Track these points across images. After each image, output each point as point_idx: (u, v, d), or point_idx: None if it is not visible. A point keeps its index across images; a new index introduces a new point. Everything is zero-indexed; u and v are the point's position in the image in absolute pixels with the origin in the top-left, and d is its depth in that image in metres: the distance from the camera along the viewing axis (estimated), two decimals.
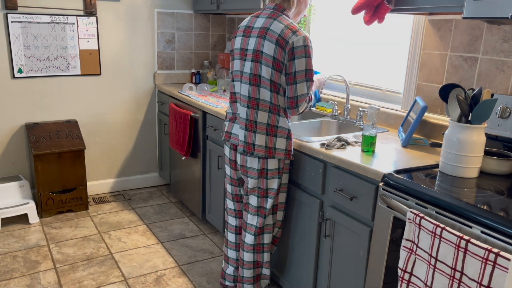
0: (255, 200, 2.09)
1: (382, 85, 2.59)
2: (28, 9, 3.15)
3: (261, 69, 1.92)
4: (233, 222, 2.28)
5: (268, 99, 1.94)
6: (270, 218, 2.12)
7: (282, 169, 2.05)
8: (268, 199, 2.08)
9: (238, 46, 2.02)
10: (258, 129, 1.97)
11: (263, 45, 1.89)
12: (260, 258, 2.19)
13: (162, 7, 3.67)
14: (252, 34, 1.96)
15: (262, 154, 1.98)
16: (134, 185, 3.91)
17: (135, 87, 3.71)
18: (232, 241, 2.30)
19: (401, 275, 1.44)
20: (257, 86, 1.94)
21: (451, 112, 1.66)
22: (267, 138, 1.97)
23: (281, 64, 1.88)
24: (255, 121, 1.96)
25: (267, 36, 1.89)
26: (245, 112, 1.99)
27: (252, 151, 1.99)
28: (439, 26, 2.11)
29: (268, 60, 1.89)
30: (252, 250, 2.15)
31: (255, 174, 2.03)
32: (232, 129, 2.11)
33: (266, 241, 2.15)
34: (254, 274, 2.21)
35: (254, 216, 2.11)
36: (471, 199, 1.38)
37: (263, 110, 1.95)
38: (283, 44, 1.85)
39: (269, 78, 1.91)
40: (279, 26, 1.88)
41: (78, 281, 2.48)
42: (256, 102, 1.95)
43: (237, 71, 2.04)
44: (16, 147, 3.33)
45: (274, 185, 2.05)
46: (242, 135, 2.01)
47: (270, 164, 2.01)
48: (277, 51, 1.86)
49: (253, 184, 2.06)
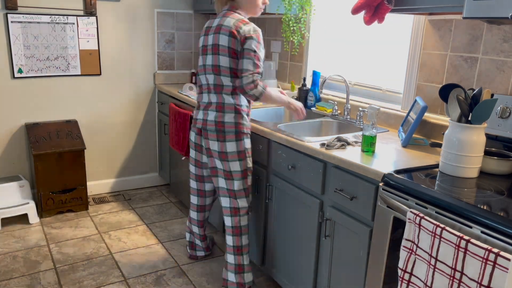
0: (223, 182, 2.30)
1: (382, 85, 2.59)
2: (28, 9, 3.15)
3: (219, 59, 2.18)
4: (195, 200, 2.57)
5: (229, 83, 2.19)
6: (244, 201, 2.31)
7: (242, 152, 2.24)
8: (234, 181, 2.27)
9: (201, 45, 2.29)
10: (226, 109, 2.20)
11: (219, 39, 2.16)
12: (239, 242, 2.34)
13: (162, 7, 3.67)
14: (210, 32, 2.23)
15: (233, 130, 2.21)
16: (134, 185, 3.92)
17: (135, 87, 3.71)
18: (194, 218, 2.62)
19: (401, 275, 1.44)
20: (219, 75, 2.20)
21: (451, 112, 1.66)
22: (235, 115, 2.21)
23: (236, 52, 2.14)
24: (223, 102, 2.21)
25: (222, 30, 2.16)
26: (215, 97, 2.23)
27: (223, 128, 2.20)
28: (439, 26, 2.11)
29: (224, 50, 2.15)
30: (231, 233, 2.33)
31: (217, 156, 2.25)
32: (198, 115, 2.32)
33: (243, 223, 2.34)
34: (235, 262, 2.33)
35: (226, 198, 2.32)
36: (471, 199, 1.38)
37: (226, 94, 2.21)
38: (236, 34, 2.12)
39: (228, 66, 2.16)
40: (230, 21, 2.16)
41: (78, 281, 2.48)
42: (221, 88, 2.21)
43: (201, 66, 2.29)
44: (16, 147, 3.33)
45: (236, 167, 2.24)
46: (213, 115, 2.22)
47: (229, 147, 2.21)
48: (230, 41, 2.13)
49: (218, 165, 2.28)
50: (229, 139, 2.21)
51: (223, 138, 2.21)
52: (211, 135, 2.23)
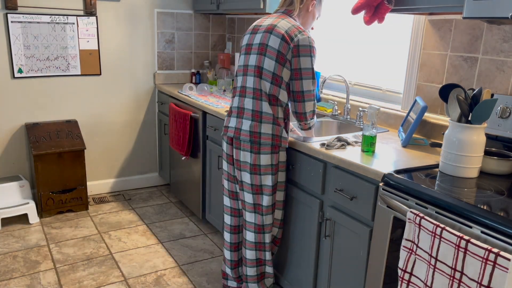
0: (250, 197, 2.10)
1: (382, 85, 2.59)
2: (28, 9, 3.15)
3: (264, 61, 1.98)
4: (228, 220, 2.29)
5: (267, 91, 2.00)
6: (270, 218, 2.12)
7: (276, 166, 2.06)
8: (263, 196, 2.08)
9: (245, 43, 2.11)
10: (264, 119, 2.01)
11: (269, 39, 1.98)
12: (262, 256, 2.19)
13: (162, 7, 3.67)
14: (260, 30, 2.05)
15: (269, 142, 2.01)
16: (134, 185, 3.92)
17: (135, 87, 3.71)
18: (227, 241, 2.31)
19: (401, 275, 1.44)
20: (259, 78, 2.00)
21: (451, 112, 1.66)
22: (273, 127, 2.02)
23: (284, 58, 1.95)
24: (261, 111, 2.01)
25: (274, 31, 1.98)
26: (251, 103, 2.02)
27: (258, 139, 2.01)
28: (439, 26, 2.11)
29: (272, 53, 1.96)
30: (254, 248, 2.15)
31: (248, 168, 2.06)
32: (229, 123, 2.12)
33: (267, 240, 2.15)
34: (257, 272, 2.21)
35: (252, 214, 2.12)
36: (471, 199, 1.38)
37: (265, 101, 2.01)
38: (289, 40, 1.94)
39: (272, 70, 1.97)
40: (286, 24, 1.99)
41: (78, 281, 2.48)
42: (259, 94, 2.01)
43: (240, 66, 2.11)
44: (16, 147, 3.33)
45: (268, 181, 2.06)
46: (248, 125, 2.03)
47: (263, 160, 2.02)
48: (282, 45, 1.94)
49: (247, 179, 2.07)
50: (264, 151, 2.02)
51: (258, 150, 2.02)
52: (244, 145, 2.04)
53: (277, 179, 2.09)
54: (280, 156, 2.06)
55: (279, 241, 2.25)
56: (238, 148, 2.07)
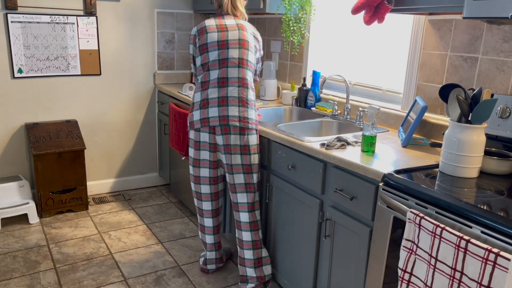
0: (241, 177, 2.26)
1: (382, 85, 2.59)
2: (28, 9, 3.15)
3: (248, 54, 2.26)
4: (209, 206, 2.44)
5: (250, 79, 2.28)
6: (257, 195, 2.32)
7: (258, 145, 2.29)
8: (253, 174, 2.28)
9: (215, 40, 2.26)
10: (249, 105, 2.24)
11: (247, 36, 2.28)
12: (257, 237, 2.33)
13: (162, 7, 3.67)
14: (230, 28, 2.27)
15: (254, 126, 2.26)
16: (134, 185, 3.92)
17: (135, 87, 3.71)
18: (209, 226, 2.49)
19: (401, 275, 1.44)
20: (245, 69, 2.25)
21: (451, 112, 1.66)
22: (255, 112, 2.28)
23: (257, 50, 2.35)
24: (247, 98, 2.24)
25: (248, 29, 2.30)
26: (237, 91, 2.23)
27: (247, 123, 2.22)
28: (439, 26, 2.11)
29: (251, 47, 2.29)
30: (249, 228, 2.31)
31: (239, 150, 2.23)
32: (209, 114, 2.23)
33: (258, 217, 2.34)
34: (254, 257, 2.32)
35: (244, 194, 2.29)
36: (471, 199, 1.38)
37: (250, 88, 2.26)
38: (257, 36, 2.36)
39: (254, 62, 2.31)
40: (247, 23, 2.34)
41: (78, 281, 2.48)
42: (245, 82, 2.25)
43: (215, 60, 2.24)
44: (16, 147, 3.33)
45: (256, 160, 2.27)
46: (236, 111, 2.21)
47: (251, 141, 2.23)
48: (254, 40, 2.33)
49: (237, 161, 2.24)
50: (250, 133, 2.24)
51: (246, 131, 2.22)
52: (233, 130, 2.21)
53: (259, 158, 2.32)
54: (258, 137, 2.31)
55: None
56: (227, 133, 2.22)
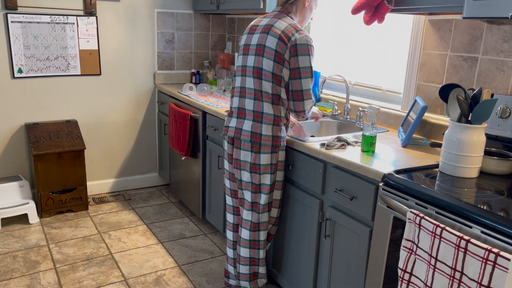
0: (249, 195, 2.13)
1: (382, 85, 2.59)
2: (28, 9, 3.15)
3: (262, 62, 2.00)
4: (231, 219, 2.31)
5: (270, 91, 2.01)
6: (266, 216, 2.15)
7: (275, 165, 2.08)
8: (261, 194, 2.11)
9: (243, 43, 2.13)
10: (264, 120, 2.03)
11: (266, 39, 1.99)
12: (256, 255, 2.22)
13: (162, 7, 3.67)
14: (257, 31, 2.06)
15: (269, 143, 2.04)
16: (134, 185, 3.92)
17: (135, 87, 3.71)
18: (230, 239, 2.33)
19: (401, 275, 1.44)
20: (259, 79, 2.02)
21: (451, 112, 1.66)
22: (273, 128, 2.04)
23: (282, 58, 1.97)
24: (261, 112, 2.03)
25: (271, 31, 1.99)
26: (252, 104, 2.05)
27: (259, 140, 2.04)
28: (439, 26, 2.11)
29: (270, 53, 1.98)
30: (248, 245, 2.18)
31: (248, 167, 2.08)
32: (230, 123, 2.15)
33: (262, 238, 2.19)
34: (250, 272, 2.24)
35: (249, 212, 2.15)
36: (471, 199, 1.38)
37: (267, 102, 2.02)
38: (286, 39, 1.95)
39: (271, 70, 1.98)
40: (283, 24, 2.00)
41: (78, 281, 2.48)
42: (260, 94, 2.03)
43: (239, 66, 2.13)
44: (16, 147, 3.33)
45: (266, 180, 2.08)
46: (249, 125, 2.06)
47: (263, 159, 2.05)
48: (279, 45, 1.96)
49: (246, 178, 2.10)
50: (264, 151, 2.04)
51: (258, 149, 2.04)
52: (244, 145, 2.06)
53: (275, 178, 2.11)
54: (279, 155, 2.09)
55: (271, 237, 2.28)
56: (238, 147, 2.10)
